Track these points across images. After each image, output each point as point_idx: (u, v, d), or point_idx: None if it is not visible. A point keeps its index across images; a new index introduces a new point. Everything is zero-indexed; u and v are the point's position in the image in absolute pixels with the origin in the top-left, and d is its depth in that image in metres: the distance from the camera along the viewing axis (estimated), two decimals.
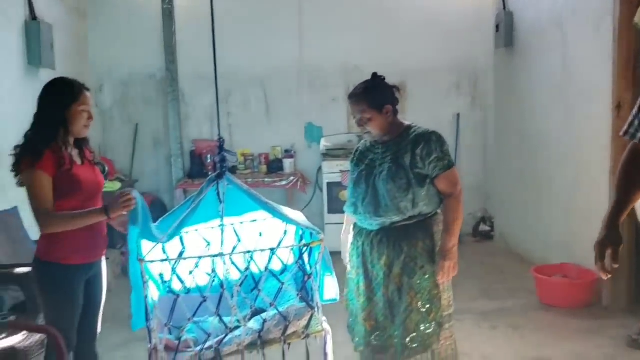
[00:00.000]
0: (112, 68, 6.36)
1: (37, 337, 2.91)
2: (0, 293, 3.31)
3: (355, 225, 3.01)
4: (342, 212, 3.17)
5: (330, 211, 6.07)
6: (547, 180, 5.25)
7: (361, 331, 2.92)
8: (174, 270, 2.55)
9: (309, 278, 2.69)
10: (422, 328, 2.77)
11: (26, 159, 2.53)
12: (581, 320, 4.16)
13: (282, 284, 2.66)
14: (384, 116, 2.78)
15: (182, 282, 2.62)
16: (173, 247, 2.69)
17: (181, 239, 2.78)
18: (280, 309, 2.67)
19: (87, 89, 2.71)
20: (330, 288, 2.91)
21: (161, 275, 2.59)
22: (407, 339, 2.78)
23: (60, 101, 2.61)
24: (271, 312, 2.65)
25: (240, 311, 2.65)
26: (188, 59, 6.26)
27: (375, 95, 2.79)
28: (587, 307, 4.36)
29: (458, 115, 6.52)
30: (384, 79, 2.85)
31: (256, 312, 2.72)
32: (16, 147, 2.62)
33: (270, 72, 6.46)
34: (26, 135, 2.62)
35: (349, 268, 3.09)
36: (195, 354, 2.51)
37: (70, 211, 2.59)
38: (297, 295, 2.68)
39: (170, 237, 2.51)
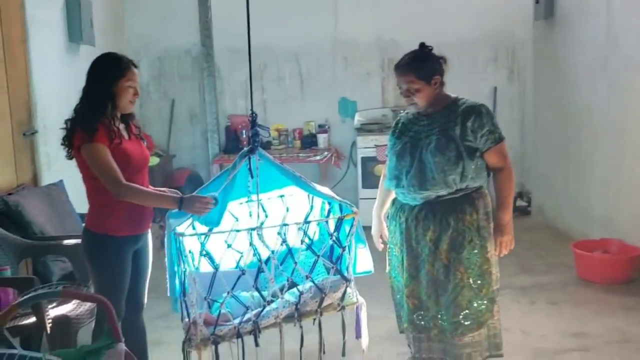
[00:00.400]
0: (149, 44, 6.40)
1: (87, 306, 3.00)
2: (49, 264, 3.42)
3: (395, 201, 2.95)
4: (377, 187, 3.13)
5: (365, 186, 6.07)
6: (588, 153, 5.16)
7: (405, 308, 2.89)
8: (203, 245, 2.57)
9: (344, 251, 2.72)
10: (475, 305, 2.72)
11: (81, 133, 2.58)
12: (622, 297, 4.11)
13: (318, 256, 2.71)
14: (432, 87, 2.71)
15: (211, 259, 2.62)
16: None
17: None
18: (317, 281, 2.71)
19: (135, 65, 2.74)
20: (363, 260, 2.92)
21: (191, 252, 2.60)
22: (460, 316, 2.72)
23: (107, 76, 2.65)
24: (307, 285, 2.70)
25: (276, 284, 2.69)
26: (223, 34, 6.25)
27: (423, 65, 2.71)
28: (627, 283, 4.30)
29: (495, 88, 6.41)
30: (432, 49, 2.77)
31: (291, 286, 2.76)
32: (66, 121, 2.67)
33: (305, 46, 6.43)
34: (76, 110, 2.67)
35: (379, 246, 3.06)
36: (234, 326, 2.58)
37: None
38: (332, 268, 2.72)
39: (220, 218, 2.57)
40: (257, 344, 2.58)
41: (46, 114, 4.17)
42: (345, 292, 2.77)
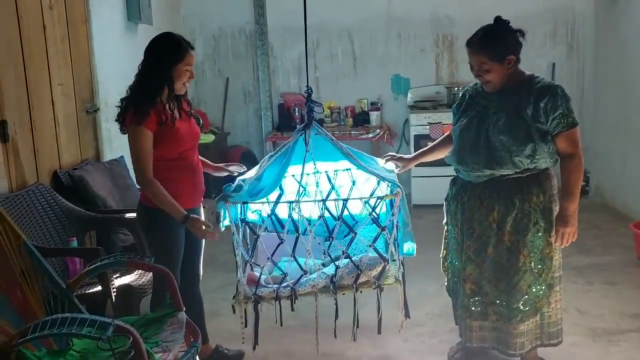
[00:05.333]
0: (203, 22, 6.49)
1: (149, 276, 3.12)
2: (112, 236, 3.56)
3: (456, 180, 2.85)
4: (429, 165, 3.08)
5: (417, 164, 6.00)
6: None
7: (460, 293, 2.79)
8: (243, 211, 2.72)
9: (383, 230, 2.68)
10: (534, 290, 2.63)
11: (132, 115, 2.63)
12: None
13: (355, 234, 2.72)
14: (504, 67, 2.54)
15: (249, 227, 2.78)
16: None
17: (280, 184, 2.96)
18: (354, 258, 2.72)
19: (192, 47, 2.75)
20: (408, 242, 2.82)
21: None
22: (520, 302, 2.63)
23: (166, 60, 2.66)
24: (345, 260, 2.73)
25: (316, 256, 2.78)
26: (277, 12, 6.29)
27: (497, 45, 2.53)
28: None
29: (553, 64, 6.24)
30: (508, 22, 2.58)
31: (336, 259, 2.78)
32: (121, 99, 2.73)
33: (358, 23, 6.39)
34: (131, 89, 2.71)
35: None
36: (274, 290, 2.72)
37: (169, 162, 2.71)
38: (369, 246, 2.70)
39: (268, 192, 2.71)
40: (292, 309, 2.74)
41: (107, 92, 4.30)
42: (382, 271, 2.74)
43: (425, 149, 3.07)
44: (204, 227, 2.69)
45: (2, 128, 3.00)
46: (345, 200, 2.76)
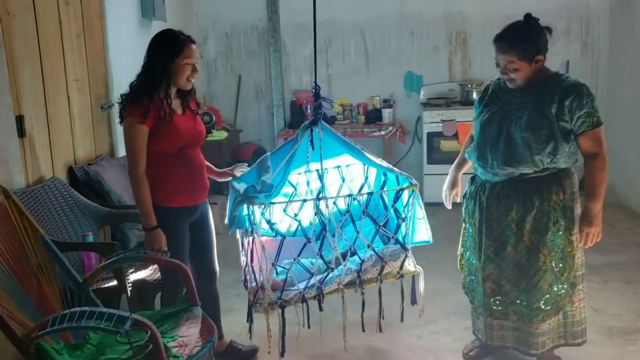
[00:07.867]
0: (216, 20, 6.49)
1: None
2: (126, 231, 3.57)
3: (474, 179, 2.82)
4: (442, 162, 3.05)
5: (430, 162, 5.98)
6: None
7: (480, 292, 2.78)
8: (263, 213, 2.60)
9: (403, 221, 2.74)
10: (555, 289, 2.61)
11: (129, 109, 2.63)
12: None
13: (379, 226, 2.73)
14: (532, 66, 2.51)
15: (272, 227, 2.74)
16: None
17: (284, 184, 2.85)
18: (377, 250, 2.76)
19: (193, 42, 2.71)
20: (421, 231, 2.91)
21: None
22: (542, 302, 2.61)
23: (164, 55, 2.64)
24: (368, 253, 2.75)
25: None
26: (289, 9, 6.29)
27: (527, 44, 2.48)
28: None
29: (567, 62, 6.19)
30: (538, 20, 2.54)
31: (352, 254, 2.76)
32: (122, 95, 2.74)
33: (371, 20, 6.37)
34: (131, 86, 2.72)
35: (447, 205, 2.96)
36: (299, 292, 2.65)
37: (167, 157, 2.70)
38: (392, 237, 2.75)
39: (277, 192, 2.59)
40: (321, 309, 2.68)
41: (121, 88, 4.23)
42: (404, 261, 2.82)
43: (457, 160, 2.98)
44: (157, 249, 2.63)
45: (19, 123, 3.01)
46: (370, 195, 2.79)
